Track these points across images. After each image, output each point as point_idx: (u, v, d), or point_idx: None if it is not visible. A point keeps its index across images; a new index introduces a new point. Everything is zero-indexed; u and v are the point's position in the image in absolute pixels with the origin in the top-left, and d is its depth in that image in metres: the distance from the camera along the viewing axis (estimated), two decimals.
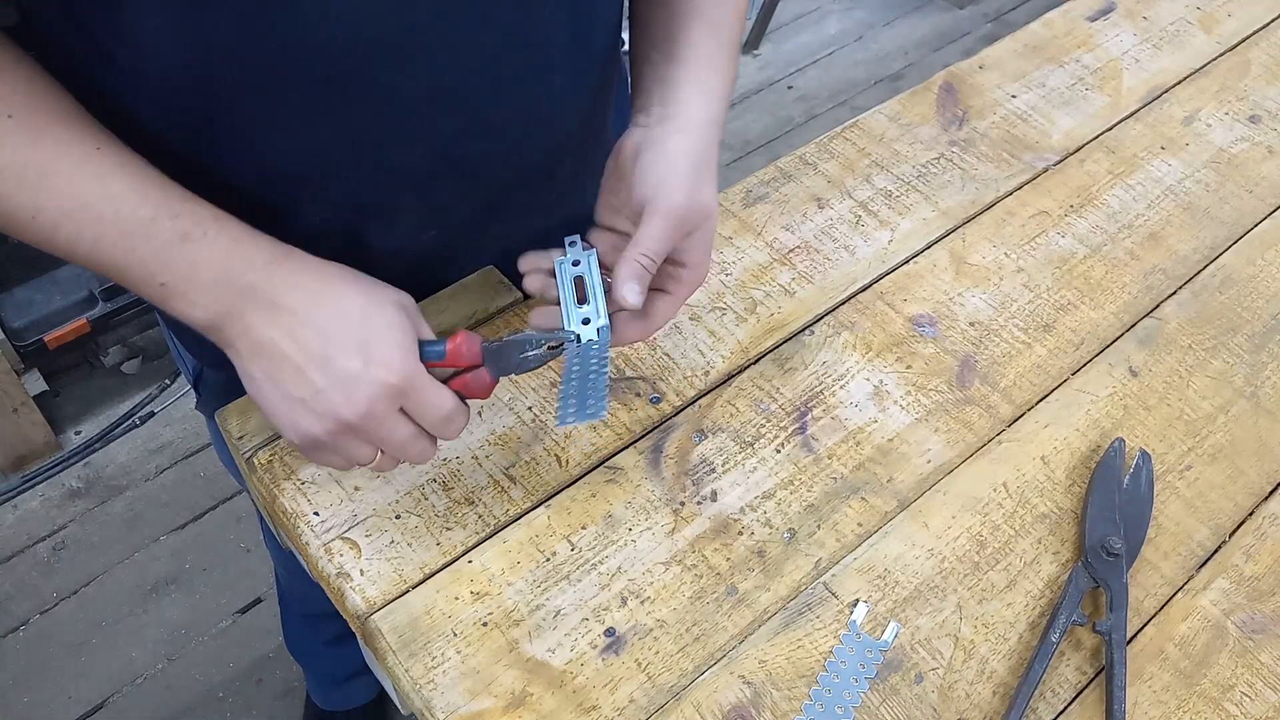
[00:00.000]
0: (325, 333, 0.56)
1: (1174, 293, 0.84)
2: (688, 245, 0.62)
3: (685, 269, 0.63)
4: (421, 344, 0.59)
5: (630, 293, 0.59)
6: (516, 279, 0.77)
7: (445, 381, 0.60)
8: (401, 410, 0.58)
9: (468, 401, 0.61)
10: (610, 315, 0.63)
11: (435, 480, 0.69)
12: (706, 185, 0.62)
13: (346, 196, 0.67)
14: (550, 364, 0.63)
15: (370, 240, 0.70)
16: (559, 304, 0.63)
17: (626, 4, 0.73)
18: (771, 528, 0.68)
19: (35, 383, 1.73)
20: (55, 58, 0.56)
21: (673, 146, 0.62)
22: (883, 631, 0.64)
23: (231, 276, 0.56)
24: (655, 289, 0.63)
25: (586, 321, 0.62)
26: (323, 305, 0.56)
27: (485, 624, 0.63)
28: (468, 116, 0.64)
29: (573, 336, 0.62)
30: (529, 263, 0.66)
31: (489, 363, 0.61)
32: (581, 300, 0.63)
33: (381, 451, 0.59)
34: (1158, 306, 0.83)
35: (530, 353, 0.61)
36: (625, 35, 0.75)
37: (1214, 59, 1.04)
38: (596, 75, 0.71)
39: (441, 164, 0.66)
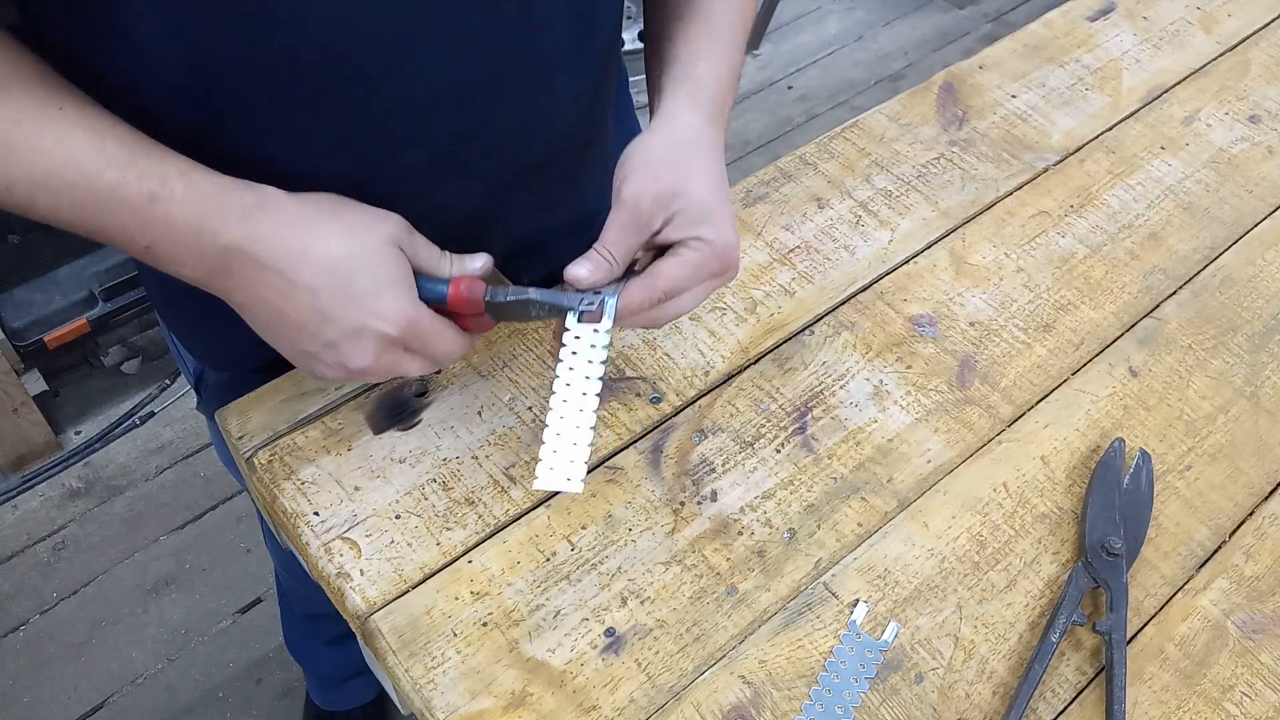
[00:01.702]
0: (318, 292, 0.56)
1: (1174, 293, 0.84)
2: (679, 225, 0.61)
3: (693, 244, 0.61)
4: (423, 280, 0.60)
5: (575, 266, 0.60)
6: (515, 278, 0.77)
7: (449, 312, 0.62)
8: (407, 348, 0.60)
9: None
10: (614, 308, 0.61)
11: (435, 480, 0.69)
12: (677, 168, 0.61)
13: (347, 196, 0.67)
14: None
15: None
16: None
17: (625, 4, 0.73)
18: (771, 528, 0.68)
19: (35, 383, 1.73)
20: (56, 57, 0.56)
21: (635, 146, 0.62)
22: (883, 631, 0.64)
23: (208, 236, 0.55)
24: (670, 256, 0.62)
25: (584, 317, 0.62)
26: (309, 262, 0.56)
27: (485, 624, 0.63)
28: (469, 116, 0.64)
29: (576, 303, 0.61)
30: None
31: (490, 314, 0.62)
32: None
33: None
34: (1158, 306, 0.83)
35: (533, 311, 0.62)
36: (625, 35, 0.75)
37: (1214, 59, 1.04)
38: (597, 74, 0.71)
39: (442, 163, 0.66)
